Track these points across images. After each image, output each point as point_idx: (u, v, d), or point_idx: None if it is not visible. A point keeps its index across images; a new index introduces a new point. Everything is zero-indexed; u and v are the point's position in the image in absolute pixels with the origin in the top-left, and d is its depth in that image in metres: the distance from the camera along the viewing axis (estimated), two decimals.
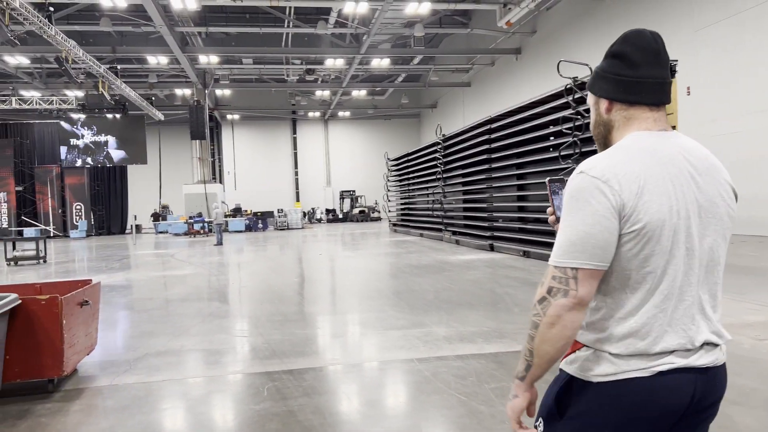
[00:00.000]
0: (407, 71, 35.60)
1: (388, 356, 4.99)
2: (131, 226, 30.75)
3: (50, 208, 32.45)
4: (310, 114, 43.97)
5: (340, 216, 42.00)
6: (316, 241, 21.64)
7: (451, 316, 6.54)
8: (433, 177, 19.47)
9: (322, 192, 45.08)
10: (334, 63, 29.62)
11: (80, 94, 30.90)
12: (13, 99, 27.98)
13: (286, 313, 7.20)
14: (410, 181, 23.36)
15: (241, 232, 31.64)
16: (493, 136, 14.23)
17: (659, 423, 1.34)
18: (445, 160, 17.96)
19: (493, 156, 14.33)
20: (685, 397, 1.33)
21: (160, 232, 32.85)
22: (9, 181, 31.63)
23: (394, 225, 25.87)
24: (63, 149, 31.49)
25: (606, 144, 1.50)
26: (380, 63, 30.47)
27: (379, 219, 40.57)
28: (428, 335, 5.66)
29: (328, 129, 45.85)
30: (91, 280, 4.92)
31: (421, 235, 21.16)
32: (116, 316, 7.56)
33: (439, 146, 18.46)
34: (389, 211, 27.68)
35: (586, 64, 8.24)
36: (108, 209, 34.46)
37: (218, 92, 37.21)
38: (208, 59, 27.81)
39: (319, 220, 42.05)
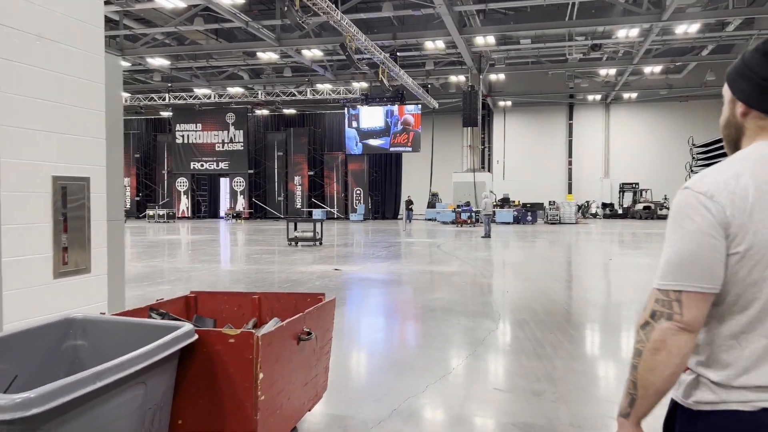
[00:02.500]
0: (717, 40, 29.14)
1: None
2: (404, 211, 31.42)
3: (335, 192, 35.07)
4: (590, 97, 39.78)
5: (620, 211, 37.22)
6: (595, 240, 18.48)
7: None
8: None
9: (599, 184, 40.62)
10: (626, 34, 25.52)
11: (364, 84, 32.56)
12: (308, 90, 30.56)
13: (590, 357, 4.91)
14: None
15: (508, 224, 29.80)
16: None
17: None
18: None
19: None
20: None
21: (429, 219, 32.93)
22: (303, 166, 35.06)
23: None
24: (347, 137, 33.54)
25: (736, 148, 1.35)
26: (687, 30, 25.24)
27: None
28: None
29: (609, 113, 41.06)
30: (323, 296, 3.37)
31: None
32: (366, 328, 6.19)
33: None
34: None
35: None
36: (383, 194, 35.97)
37: (492, 77, 35.80)
38: (485, 40, 26.33)
39: (594, 215, 37.83)
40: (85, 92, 3.68)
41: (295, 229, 16.58)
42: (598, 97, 39.60)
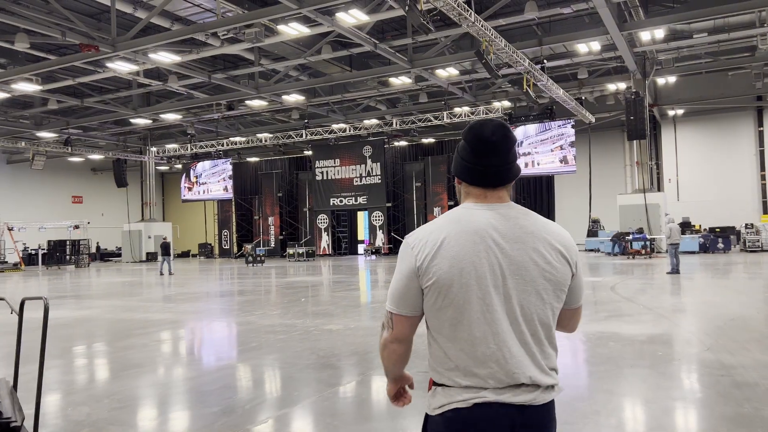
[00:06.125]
0: None
1: None
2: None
3: None
4: None
5: None
6: None
7: None
8: None
9: None
10: None
11: (507, 104, 29.49)
12: (445, 114, 28.22)
13: None
14: None
15: (693, 253, 24.60)
16: None
17: None
18: None
19: None
20: (503, 429, 1.53)
21: (590, 250, 28.60)
22: (442, 196, 32.63)
23: None
24: None
25: None
26: None
27: None
28: None
29: None
30: None
31: None
32: None
33: None
34: None
35: None
36: None
37: (659, 81, 30.79)
38: (652, 35, 22.10)
39: None
40: None
41: None
42: None
